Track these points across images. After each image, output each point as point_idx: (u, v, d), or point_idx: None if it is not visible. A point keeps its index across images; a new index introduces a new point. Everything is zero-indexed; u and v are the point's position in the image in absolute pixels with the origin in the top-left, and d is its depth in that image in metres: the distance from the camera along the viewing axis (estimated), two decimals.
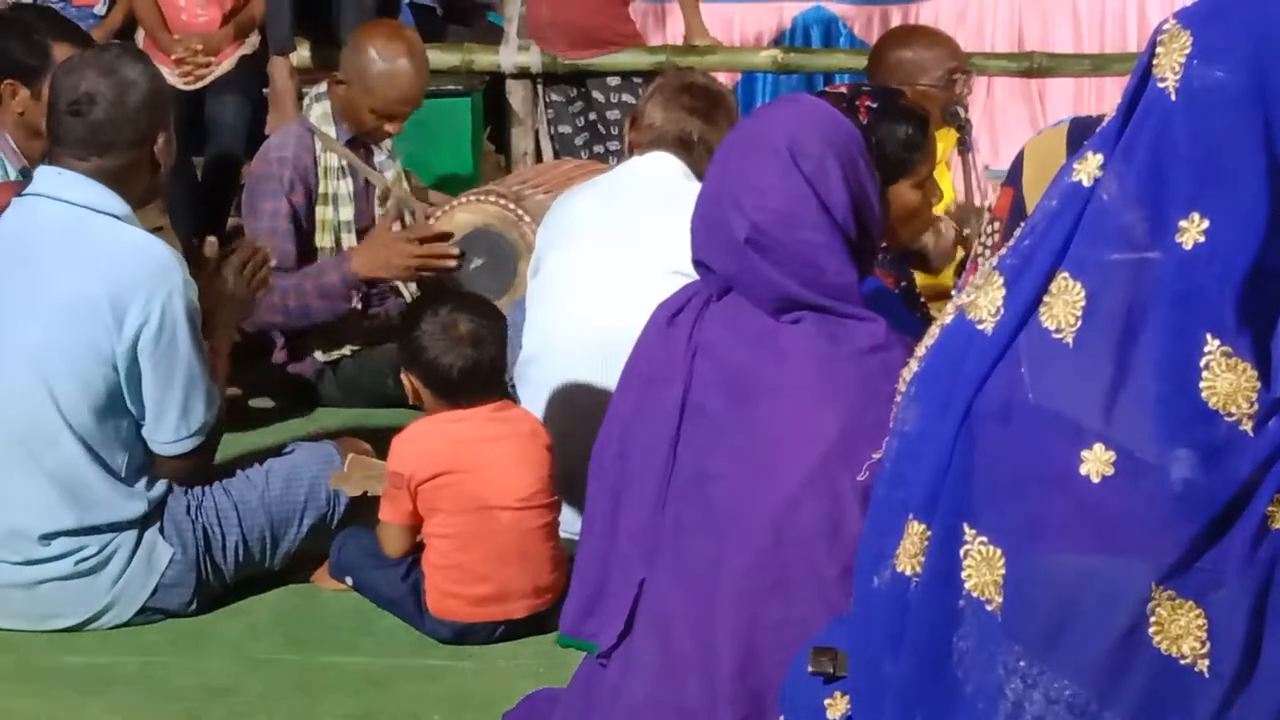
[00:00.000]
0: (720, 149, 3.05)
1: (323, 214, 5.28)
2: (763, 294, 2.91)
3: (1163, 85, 2.13)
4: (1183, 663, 2.09)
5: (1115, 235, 2.15)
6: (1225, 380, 2.08)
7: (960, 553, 2.18)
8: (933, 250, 4.31)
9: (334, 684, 3.58)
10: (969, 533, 2.18)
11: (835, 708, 2.45)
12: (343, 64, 5.35)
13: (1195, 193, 2.10)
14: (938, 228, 4.34)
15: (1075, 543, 2.12)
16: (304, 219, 5.23)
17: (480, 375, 3.82)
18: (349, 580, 3.92)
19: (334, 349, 5.29)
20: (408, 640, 3.77)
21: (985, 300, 2.23)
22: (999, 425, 2.18)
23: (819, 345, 2.88)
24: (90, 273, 3.73)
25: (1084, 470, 2.11)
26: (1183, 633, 2.09)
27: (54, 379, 3.72)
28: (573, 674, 3.13)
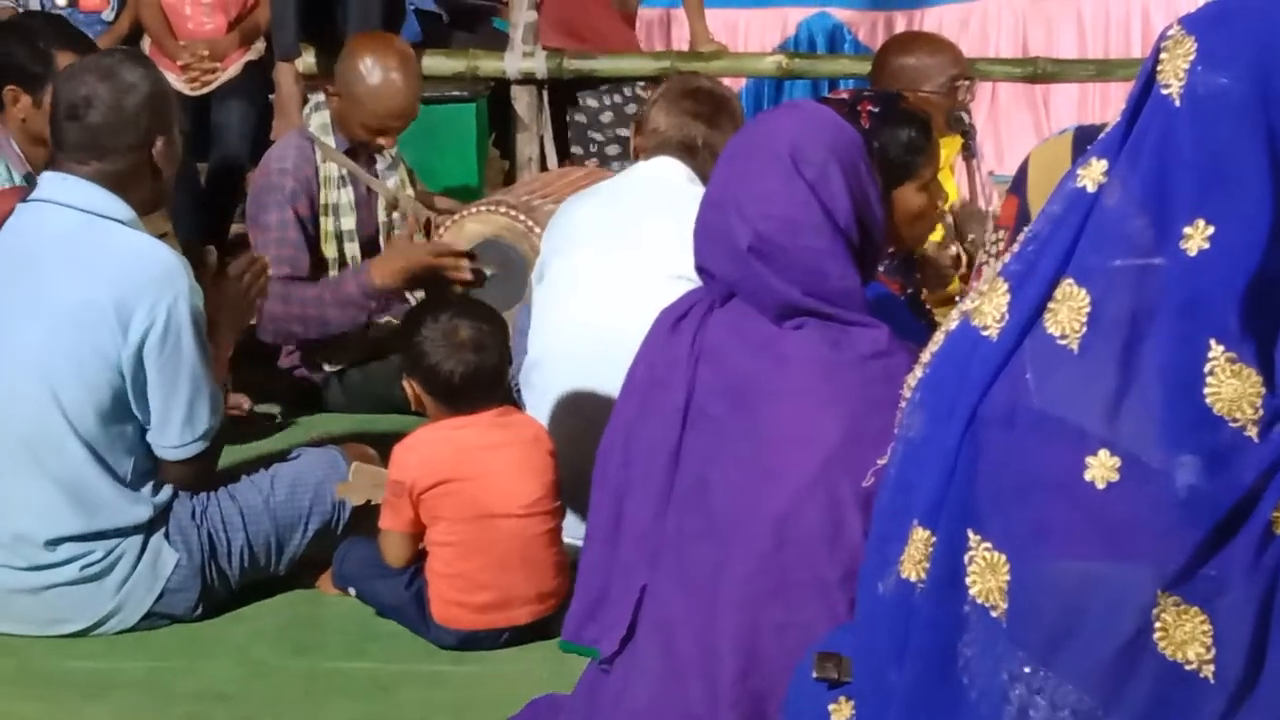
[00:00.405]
0: (723, 155, 3.05)
1: (324, 224, 5.25)
2: (765, 301, 2.91)
3: (1167, 91, 2.13)
4: (1188, 669, 2.09)
5: (1120, 241, 2.15)
6: (1230, 386, 2.08)
7: (965, 559, 2.18)
8: (929, 271, 4.28)
9: (339, 689, 3.58)
10: (973, 539, 2.18)
11: (840, 713, 2.45)
12: (336, 76, 5.33)
13: (1200, 199, 2.10)
14: (941, 254, 4.32)
15: (1080, 549, 2.12)
16: (311, 227, 5.23)
17: (482, 381, 3.81)
18: (352, 591, 3.91)
19: (341, 362, 5.28)
20: (413, 646, 3.77)
21: (990, 306, 2.24)
22: (1003, 431, 2.18)
23: (821, 351, 2.88)
24: (95, 278, 3.73)
25: (1089, 476, 2.11)
26: (1188, 639, 2.09)
27: (59, 384, 3.72)
28: (577, 680, 3.13)
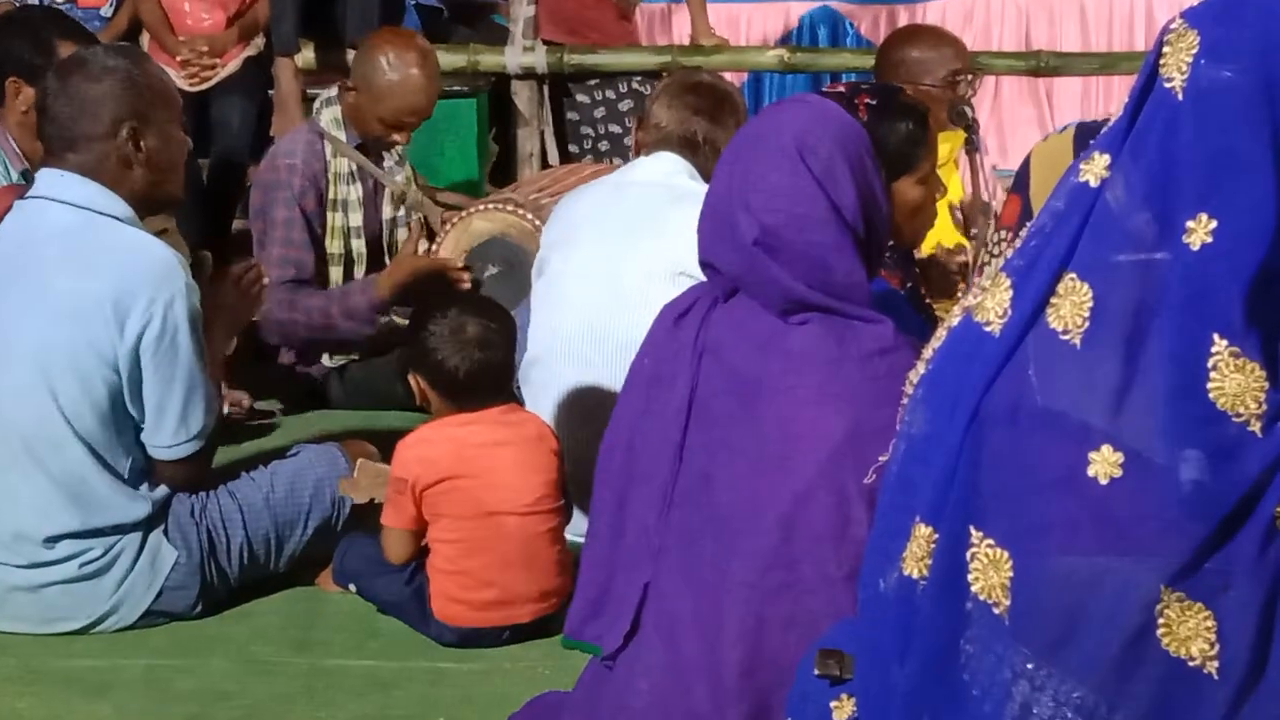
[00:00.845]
0: (728, 149, 3.03)
1: (331, 219, 5.25)
2: (770, 295, 2.89)
3: (1170, 85, 2.12)
4: (1191, 665, 2.08)
5: (1122, 236, 2.14)
6: (1233, 381, 2.07)
7: (967, 555, 2.17)
8: (936, 274, 4.26)
9: (339, 687, 3.57)
10: (976, 535, 2.17)
11: (842, 710, 2.45)
12: (353, 70, 5.31)
13: (1203, 193, 2.09)
14: (950, 260, 4.29)
15: (1083, 544, 2.12)
16: (317, 225, 5.22)
17: (488, 378, 3.80)
18: (352, 588, 3.91)
19: (341, 356, 5.28)
20: (413, 643, 3.76)
21: (992, 302, 2.23)
22: (1006, 427, 2.17)
23: (826, 347, 2.87)
24: (93, 275, 3.71)
25: (1092, 472, 2.11)
26: (1192, 634, 2.08)
27: (57, 382, 3.71)
28: (578, 677, 3.12)
